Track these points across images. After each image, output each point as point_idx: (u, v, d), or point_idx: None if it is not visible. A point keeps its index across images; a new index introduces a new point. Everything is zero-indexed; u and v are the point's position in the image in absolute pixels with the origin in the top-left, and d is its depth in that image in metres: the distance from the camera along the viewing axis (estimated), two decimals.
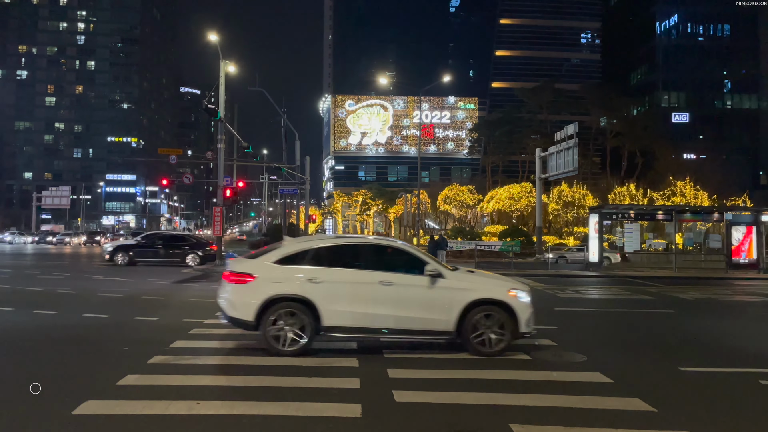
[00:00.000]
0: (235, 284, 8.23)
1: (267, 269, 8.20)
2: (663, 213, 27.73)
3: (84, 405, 5.81)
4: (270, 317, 7.99)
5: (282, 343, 8.00)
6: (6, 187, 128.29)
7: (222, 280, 8.57)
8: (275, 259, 8.33)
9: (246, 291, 8.13)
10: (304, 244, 8.75)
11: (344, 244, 8.95)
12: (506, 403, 6.19)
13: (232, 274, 8.30)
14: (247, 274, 8.17)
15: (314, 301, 8.00)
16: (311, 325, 8.01)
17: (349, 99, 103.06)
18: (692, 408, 6.26)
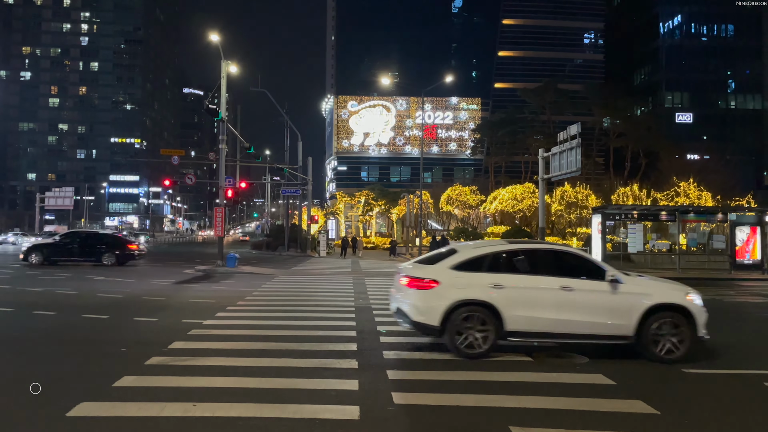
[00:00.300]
0: (419, 290, 8.38)
1: (449, 275, 8.34)
2: (666, 213, 27.58)
3: (78, 407, 5.74)
4: (455, 322, 8.12)
5: (467, 346, 8.12)
6: (9, 188, 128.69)
7: (403, 287, 8.68)
8: (453, 265, 8.48)
9: (431, 297, 8.29)
10: (480, 251, 8.86)
11: (521, 250, 8.93)
12: (507, 405, 6.10)
13: (415, 280, 8.46)
14: (432, 280, 8.31)
15: (497, 306, 8.12)
16: (494, 329, 8.14)
17: (351, 99, 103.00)
18: (696, 411, 6.17)
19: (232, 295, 15.55)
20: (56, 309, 12.53)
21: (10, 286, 17.32)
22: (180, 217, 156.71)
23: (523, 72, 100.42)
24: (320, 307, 13.61)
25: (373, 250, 52.68)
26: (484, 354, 8.10)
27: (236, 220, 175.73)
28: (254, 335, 9.73)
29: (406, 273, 8.86)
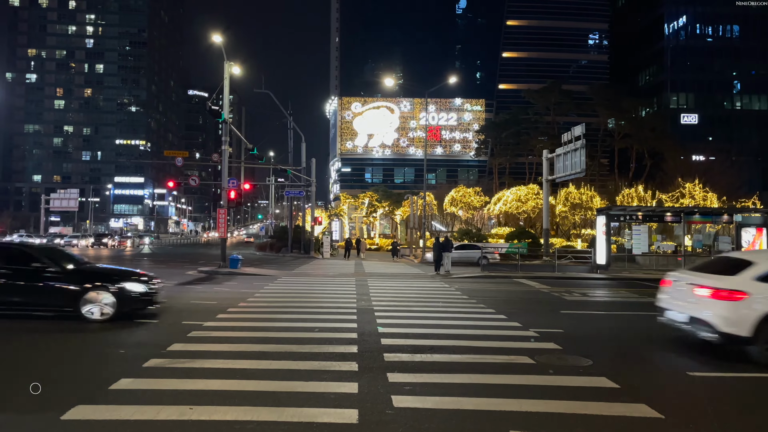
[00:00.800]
0: (727, 301, 8.38)
1: (757, 287, 8.35)
2: (671, 215, 27.42)
3: (73, 410, 5.68)
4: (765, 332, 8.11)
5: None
6: (15, 190, 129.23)
7: (702, 297, 8.71)
8: (758, 276, 8.49)
9: (740, 308, 8.29)
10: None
11: None
12: (508, 408, 6.01)
13: (721, 291, 8.46)
14: (740, 291, 8.33)
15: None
16: None
17: (355, 101, 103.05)
18: (701, 414, 6.05)
19: (234, 297, 15.48)
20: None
21: None
22: (184, 219, 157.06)
23: (528, 73, 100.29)
24: (322, 308, 13.54)
25: (377, 251, 52.65)
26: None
27: (240, 222, 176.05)
28: (255, 337, 9.65)
29: (702, 283, 8.85)
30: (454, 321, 11.85)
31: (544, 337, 10.02)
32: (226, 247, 27.77)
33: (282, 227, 56.94)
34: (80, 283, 10.85)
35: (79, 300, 10.70)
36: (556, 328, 11.00)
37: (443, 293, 17.41)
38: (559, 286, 20.62)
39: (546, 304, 15.50)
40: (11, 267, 10.94)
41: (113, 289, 10.87)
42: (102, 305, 10.76)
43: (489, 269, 27.17)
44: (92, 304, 10.73)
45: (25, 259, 11.12)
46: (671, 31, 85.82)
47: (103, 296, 10.78)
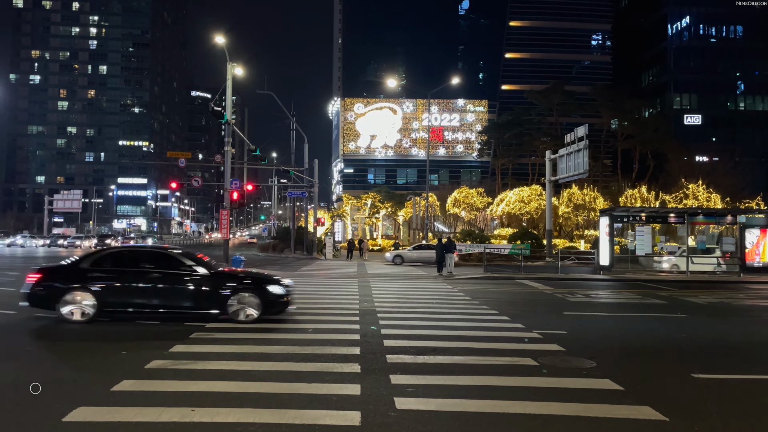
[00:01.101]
0: None
1: None
2: (675, 215, 27.33)
3: (75, 411, 5.66)
4: None
5: None
6: (19, 191, 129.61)
7: None
8: None
9: None
10: None
11: None
12: (511, 410, 5.97)
13: None
14: None
15: None
16: None
17: (358, 102, 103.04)
18: (706, 417, 6.01)
19: None
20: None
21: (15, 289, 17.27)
22: (187, 220, 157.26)
23: (530, 74, 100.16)
24: (324, 309, 13.51)
25: (380, 252, 52.59)
26: None
27: (243, 223, 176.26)
28: (257, 338, 9.64)
29: None
30: (457, 322, 11.82)
31: (547, 339, 9.98)
32: (229, 248, 27.75)
33: (284, 228, 56.94)
34: (228, 286, 11.07)
35: (226, 302, 10.92)
36: (560, 329, 10.95)
37: (446, 294, 17.37)
38: (562, 287, 20.56)
39: (549, 305, 15.45)
40: (161, 271, 11.15)
41: (258, 292, 11.08)
42: (248, 308, 10.97)
43: (492, 270, 27.11)
44: (240, 307, 10.95)
45: (174, 263, 11.29)
46: (674, 32, 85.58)
47: (250, 299, 11.00)
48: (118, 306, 10.88)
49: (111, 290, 10.83)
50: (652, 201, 44.22)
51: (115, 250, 12.18)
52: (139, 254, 12.06)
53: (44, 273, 11.10)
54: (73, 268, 11.15)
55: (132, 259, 11.60)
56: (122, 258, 11.66)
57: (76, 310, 10.66)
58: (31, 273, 11.12)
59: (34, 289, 10.89)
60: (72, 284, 10.77)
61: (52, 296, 10.74)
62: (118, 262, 11.37)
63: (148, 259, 11.52)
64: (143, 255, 11.91)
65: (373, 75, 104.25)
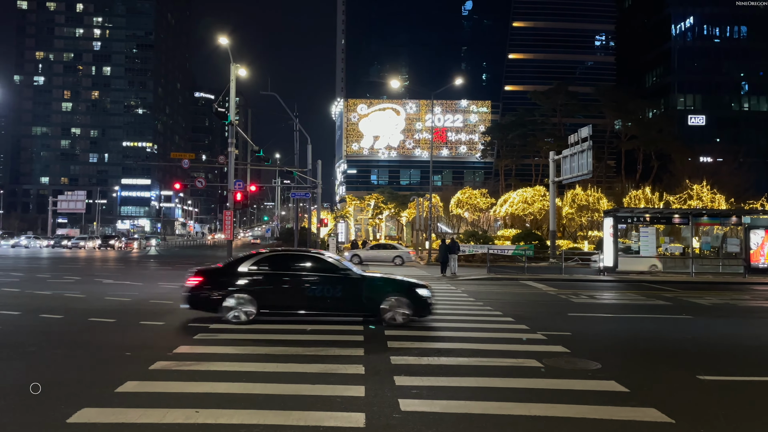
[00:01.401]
0: None
1: None
2: (679, 216, 27.23)
3: (79, 413, 5.66)
4: None
5: None
6: (23, 192, 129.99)
7: None
8: None
9: None
10: None
11: None
12: (516, 413, 5.94)
13: None
14: None
15: None
16: None
17: (361, 103, 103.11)
18: (712, 419, 5.97)
19: None
20: (63, 312, 12.52)
21: (19, 289, 17.27)
22: (191, 221, 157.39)
23: (534, 74, 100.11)
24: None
25: None
26: None
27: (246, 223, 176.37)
28: (261, 339, 9.63)
29: None
30: (461, 323, 11.79)
31: (551, 340, 9.95)
32: (233, 249, 27.76)
33: (288, 229, 56.99)
34: (381, 289, 11.34)
35: (379, 305, 11.08)
36: (564, 330, 10.92)
37: (449, 295, 17.34)
38: (566, 288, 20.51)
39: (553, 306, 15.40)
40: (317, 274, 11.40)
41: (409, 295, 11.25)
42: (400, 310, 11.08)
43: (495, 271, 27.06)
44: (392, 309, 11.07)
45: (328, 267, 11.52)
46: (678, 32, 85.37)
47: (401, 301, 11.13)
48: (276, 308, 11.22)
49: (269, 292, 11.19)
50: (656, 202, 44.09)
51: (271, 254, 12.45)
52: (294, 258, 12.33)
53: (205, 276, 11.37)
54: (232, 271, 11.42)
55: (288, 262, 11.95)
56: (279, 261, 11.97)
57: (238, 312, 10.93)
58: (192, 276, 11.36)
59: (195, 291, 11.19)
60: (233, 287, 11.06)
61: (215, 299, 11.04)
62: (274, 265, 11.68)
63: (304, 263, 11.81)
64: (298, 258, 12.20)
65: (376, 76, 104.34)
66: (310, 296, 11.16)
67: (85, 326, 10.99)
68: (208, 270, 11.69)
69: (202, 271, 11.53)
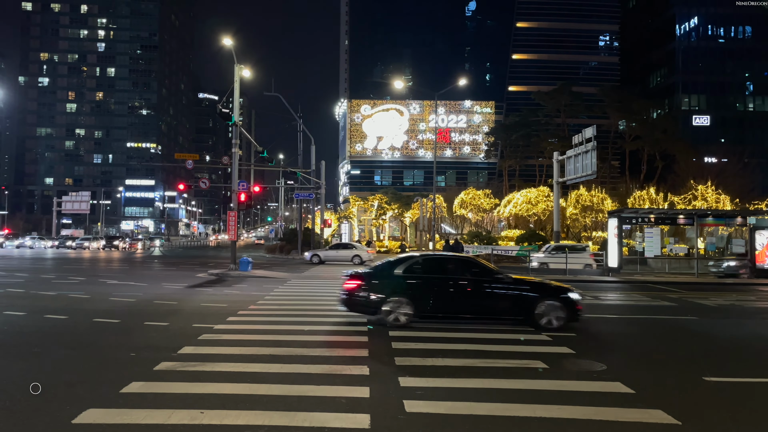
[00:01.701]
0: None
1: None
2: (684, 217, 27.15)
3: (84, 414, 5.67)
4: None
5: None
6: (27, 193, 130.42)
7: None
8: None
9: None
10: None
11: None
12: (521, 414, 5.92)
13: None
14: None
15: None
16: None
17: (365, 103, 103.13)
18: (718, 421, 5.94)
19: (244, 300, 15.49)
20: (67, 313, 12.54)
21: (24, 290, 17.31)
22: (195, 221, 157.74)
23: (537, 75, 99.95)
24: (332, 311, 13.48)
25: (387, 253, 52.56)
26: None
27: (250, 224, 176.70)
28: (265, 340, 9.63)
29: None
30: (465, 324, 11.76)
31: (556, 342, 9.92)
32: (236, 250, 27.82)
33: (291, 229, 57.00)
34: (534, 293, 11.26)
35: (533, 309, 11.00)
36: (568, 332, 10.88)
37: None
38: None
39: None
40: (470, 278, 11.45)
41: (562, 299, 11.15)
42: (554, 313, 10.99)
43: None
44: (546, 314, 10.98)
45: (480, 271, 11.55)
46: (682, 32, 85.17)
47: (554, 305, 11.04)
48: (432, 311, 11.27)
49: (426, 296, 11.21)
50: (661, 202, 43.96)
51: (424, 257, 12.56)
52: (447, 261, 12.39)
53: (362, 279, 11.45)
54: (388, 274, 11.53)
55: (441, 265, 12.05)
56: (432, 264, 12.09)
57: (396, 315, 11.02)
58: (348, 279, 11.47)
59: (353, 295, 11.31)
60: (390, 290, 11.16)
61: (374, 302, 11.16)
62: (429, 269, 11.77)
63: (457, 267, 11.90)
64: (452, 262, 12.28)
65: (380, 76, 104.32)
66: (465, 300, 11.27)
67: (89, 327, 11.01)
68: (365, 274, 11.73)
69: (359, 275, 11.63)
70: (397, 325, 10.90)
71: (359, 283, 11.37)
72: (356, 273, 11.76)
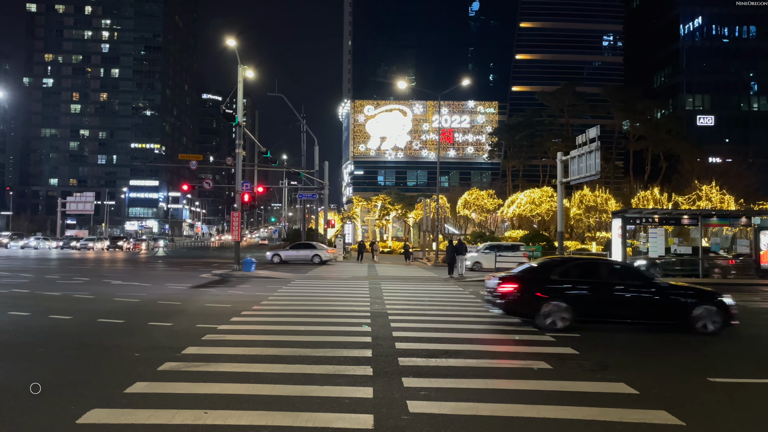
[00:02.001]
0: None
1: None
2: (688, 217, 27.05)
3: (89, 414, 5.68)
4: None
5: None
6: (32, 193, 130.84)
7: None
8: None
9: None
10: None
11: None
12: (525, 414, 5.92)
13: None
14: None
15: None
16: None
17: (368, 104, 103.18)
18: (723, 422, 5.92)
19: (248, 300, 15.51)
20: (72, 313, 12.58)
21: (29, 290, 17.36)
22: (198, 222, 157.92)
23: (541, 75, 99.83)
24: (336, 312, 13.50)
25: (390, 254, 52.60)
26: None
27: (254, 225, 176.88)
28: (268, 341, 9.65)
29: None
30: (469, 325, 11.77)
31: (560, 342, 9.91)
32: (240, 250, 27.85)
33: (295, 230, 57.05)
34: (690, 298, 11.22)
35: (688, 314, 10.99)
36: (573, 332, 10.86)
37: (457, 297, 17.31)
38: None
39: None
40: (626, 282, 11.48)
41: (716, 304, 11.08)
42: (710, 318, 10.95)
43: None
44: (704, 318, 10.95)
45: (635, 275, 11.76)
46: (687, 32, 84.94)
47: (710, 310, 10.99)
48: (590, 315, 11.27)
49: (585, 300, 11.24)
50: (665, 203, 43.86)
51: (578, 262, 12.73)
52: (601, 266, 12.53)
53: (519, 283, 11.48)
54: (544, 278, 11.57)
55: (597, 271, 12.10)
56: (587, 269, 12.13)
57: (554, 319, 11.02)
58: (504, 282, 11.47)
59: (510, 298, 11.34)
60: (548, 295, 11.18)
61: (532, 305, 11.17)
62: (585, 274, 11.83)
63: (613, 272, 12.05)
64: (607, 267, 12.46)
65: (383, 77, 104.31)
66: (624, 305, 11.24)
67: (94, 327, 11.04)
68: (521, 278, 11.72)
69: (515, 279, 11.64)
70: (553, 329, 10.86)
71: (516, 286, 11.39)
72: (510, 277, 11.78)
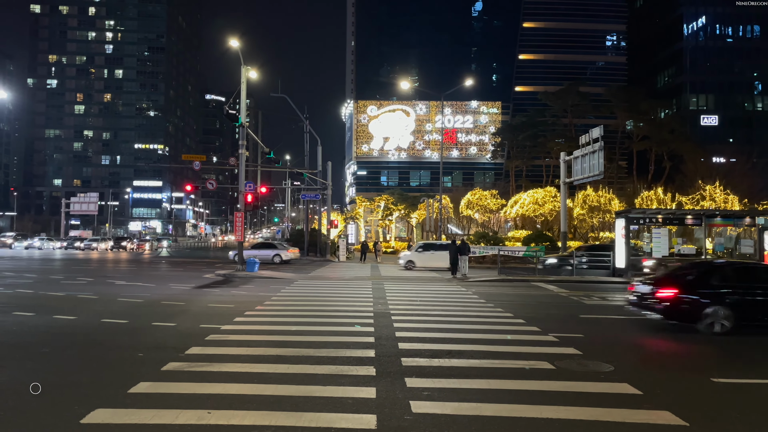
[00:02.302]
0: None
1: None
2: (692, 217, 26.98)
3: (93, 414, 5.70)
4: None
5: None
6: (36, 194, 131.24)
7: None
8: None
9: None
10: None
11: None
12: (528, 415, 5.91)
13: None
14: None
15: None
16: None
17: (371, 104, 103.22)
18: (727, 423, 5.91)
19: (251, 300, 15.53)
20: (76, 314, 12.62)
21: (33, 291, 17.40)
22: (202, 222, 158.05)
23: (544, 75, 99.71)
24: (339, 312, 13.50)
25: (393, 254, 52.55)
26: None
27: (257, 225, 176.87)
28: (272, 341, 9.66)
29: None
30: (472, 325, 11.75)
31: (563, 342, 9.89)
32: (243, 250, 27.88)
33: (298, 230, 57.10)
34: None
35: None
36: (576, 332, 10.85)
37: (460, 297, 17.29)
38: (577, 289, 20.41)
39: (565, 308, 15.31)
40: None
41: None
42: None
43: (506, 272, 26.95)
44: None
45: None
46: (690, 32, 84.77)
47: None
48: (752, 320, 11.27)
49: (749, 305, 11.24)
50: (668, 203, 43.78)
51: (734, 266, 12.84)
52: (759, 270, 12.70)
53: (680, 288, 11.46)
54: (704, 283, 11.55)
55: (755, 274, 12.16)
56: (745, 273, 12.13)
57: (717, 323, 11.00)
58: (662, 288, 11.49)
59: (671, 303, 11.31)
60: (710, 299, 11.15)
61: (694, 311, 11.18)
62: (743, 277, 11.78)
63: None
64: (764, 270, 12.67)
65: (386, 77, 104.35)
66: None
67: (98, 327, 11.06)
68: (680, 282, 11.69)
69: (673, 283, 11.61)
70: (714, 333, 10.85)
71: (676, 291, 11.35)
72: (667, 281, 11.75)
